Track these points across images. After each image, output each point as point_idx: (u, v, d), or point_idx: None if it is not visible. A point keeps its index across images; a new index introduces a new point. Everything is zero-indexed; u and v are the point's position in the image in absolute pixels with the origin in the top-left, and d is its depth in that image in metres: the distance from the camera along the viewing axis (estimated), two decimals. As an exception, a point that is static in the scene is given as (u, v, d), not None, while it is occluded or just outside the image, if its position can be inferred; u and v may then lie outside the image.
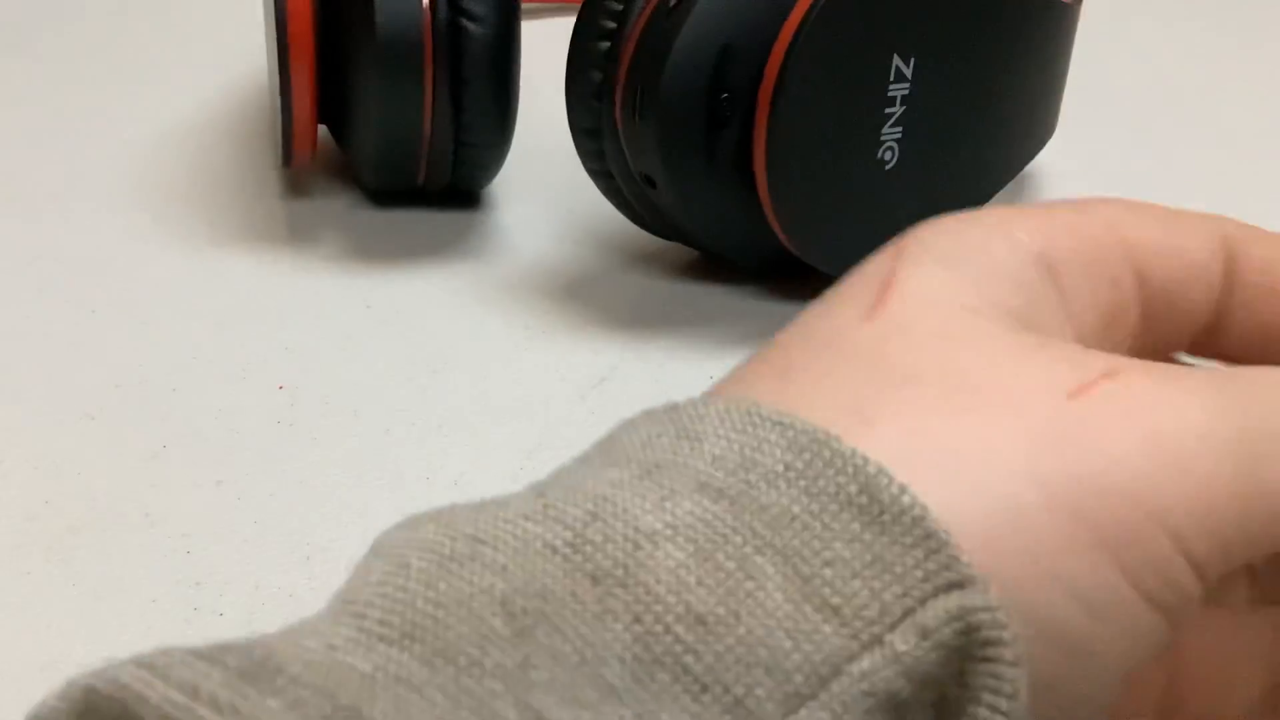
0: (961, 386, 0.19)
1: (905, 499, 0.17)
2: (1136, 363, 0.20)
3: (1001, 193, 0.43)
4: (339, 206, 0.46)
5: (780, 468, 0.18)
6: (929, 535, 0.17)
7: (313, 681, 0.16)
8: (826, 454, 0.18)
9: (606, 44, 0.38)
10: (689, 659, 0.16)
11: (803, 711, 0.16)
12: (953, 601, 0.17)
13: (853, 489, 0.17)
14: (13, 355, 0.39)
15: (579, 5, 0.39)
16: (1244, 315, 0.22)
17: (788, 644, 0.16)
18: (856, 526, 0.17)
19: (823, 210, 0.38)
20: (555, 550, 0.17)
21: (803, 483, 0.18)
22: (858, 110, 0.37)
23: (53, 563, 0.32)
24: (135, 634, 0.30)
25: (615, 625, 0.17)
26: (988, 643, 0.17)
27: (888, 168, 0.39)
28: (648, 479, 0.18)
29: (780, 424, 0.18)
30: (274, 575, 0.32)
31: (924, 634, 0.17)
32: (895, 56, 0.37)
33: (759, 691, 0.16)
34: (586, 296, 0.42)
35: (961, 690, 0.17)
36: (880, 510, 0.17)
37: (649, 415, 0.20)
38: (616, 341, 0.40)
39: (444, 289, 0.42)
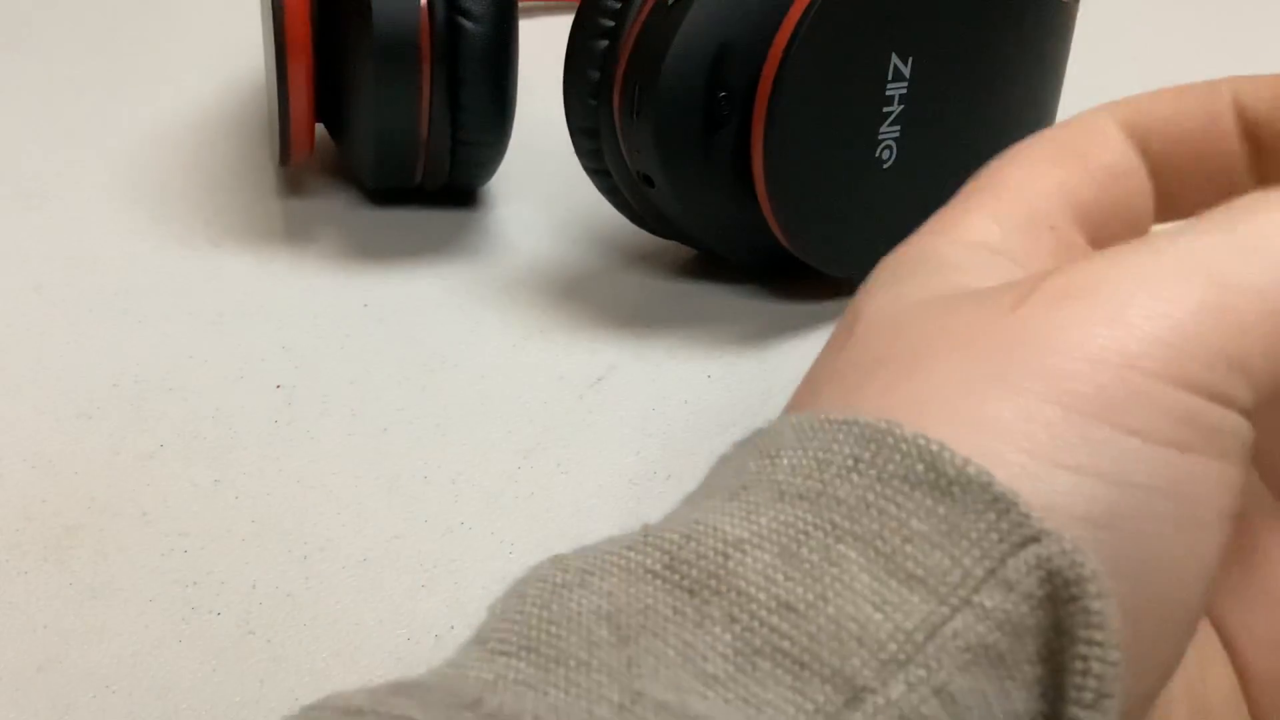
0: (921, 348, 0.20)
1: (970, 469, 0.18)
2: (1081, 256, 0.21)
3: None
4: (336, 205, 0.46)
5: (850, 462, 0.19)
6: (998, 498, 0.18)
7: (440, 686, 0.17)
8: (891, 440, 0.19)
9: (604, 43, 0.38)
10: (785, 644, 0.17)
11: (900, 675, 0.17)
12: (1030, 554, 0.18)
13: (920, 468, 0.18)
14: (9, 354, 0.39)
15: (577, 4, 0.39)
16: (1171, 174, 0.25)
17: (878, 616, 0.17)
18: (929, 502, 0.18)
19: (820, 209, 0.38)
20: (655, 574, 0.19)
21: (873, 471, 0.19)
22: (856, 109, 0.37)
23: (50, 562, 0.32)
24: (132, 633, 0.30)
25: (714, 629, 0.18)
26: (1070, 583, 0.18)
27: (885, 167, 0.39)
28: (735, 499, 0.19)
29: (846, 422, 0.19)
30: (271, 575, 0.32)
31: (1009, 587, 0.18)
32: (894, 56, 0.37)
33: (855, 661, 0.17)
34: (584, 295, 0.42)
35: (1061, 636, 0.18)
36: (949, 483, 0.18)
37: (740, 445, 0.21)
38: (614, 340, 0.40)
39: (441, 288, 0.42)
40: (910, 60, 0.37)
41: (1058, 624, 0.18)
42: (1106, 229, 0.25)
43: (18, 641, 0.30)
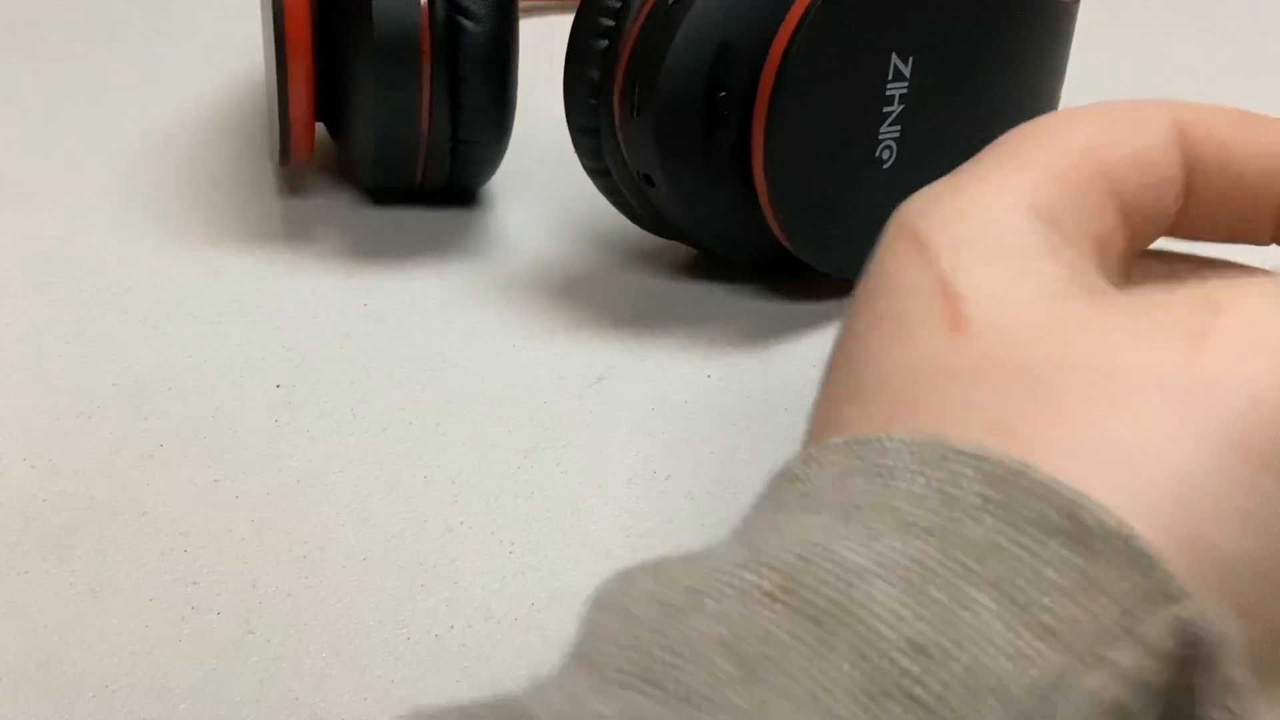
0: (1087, 379, 0.19)
1: (1111, 521, 0.18)
2: (1229, 287, 0.20)
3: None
4: (336, 205, 0.46)
5: (979, 501, 0.18)
6: (1140, 555, 0.18)
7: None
8: (1025, 483, 0.18)
9: (605, 42, 0.38)
10: (917, 689, 0.17)
11: None
12: (1169, 613, 0.17)
13: (1055, 515, 0.18)
14: (9, 353, 0.39)
15: (577, 3, 0.39)
16: (1203, 195, 0.25)
17: (1011, 668, 0.17)
18: (1065, 552, 0.18)
19: (820, 209, 0.38)
20: (773, 598, 0.18)
21: (1004, 514, 0.18)
22: (856, 109, 0.37)
23: (49, 561, 0.32)
24: (132, 633, 0.30)
25: (841, 663, 0.17)
26: (1208, 646, 0.17)
27: (885, 167, 0.39)
28: (850, 521, 0.19)
29: (975, 457, 0.19)
30: (271, 574, 0.32)
31: (1145, 646, 0.17)
32: (893, 56, 0.37)
33: (987, 714, 0.16)
34: (584, 295, 0.42)
35: (1190, 698, 0.18)
36: (1086, 534, 0.18)
37: (832, 450, 0.20)
38: (614, 340, 0.40)
39: (441, 288, 0.42)
40: (910, 60, 0.37)
41: (1189, 687, 0.18)
42: (1133, 209, 0.24)
43: (18, 641, 0.30)
